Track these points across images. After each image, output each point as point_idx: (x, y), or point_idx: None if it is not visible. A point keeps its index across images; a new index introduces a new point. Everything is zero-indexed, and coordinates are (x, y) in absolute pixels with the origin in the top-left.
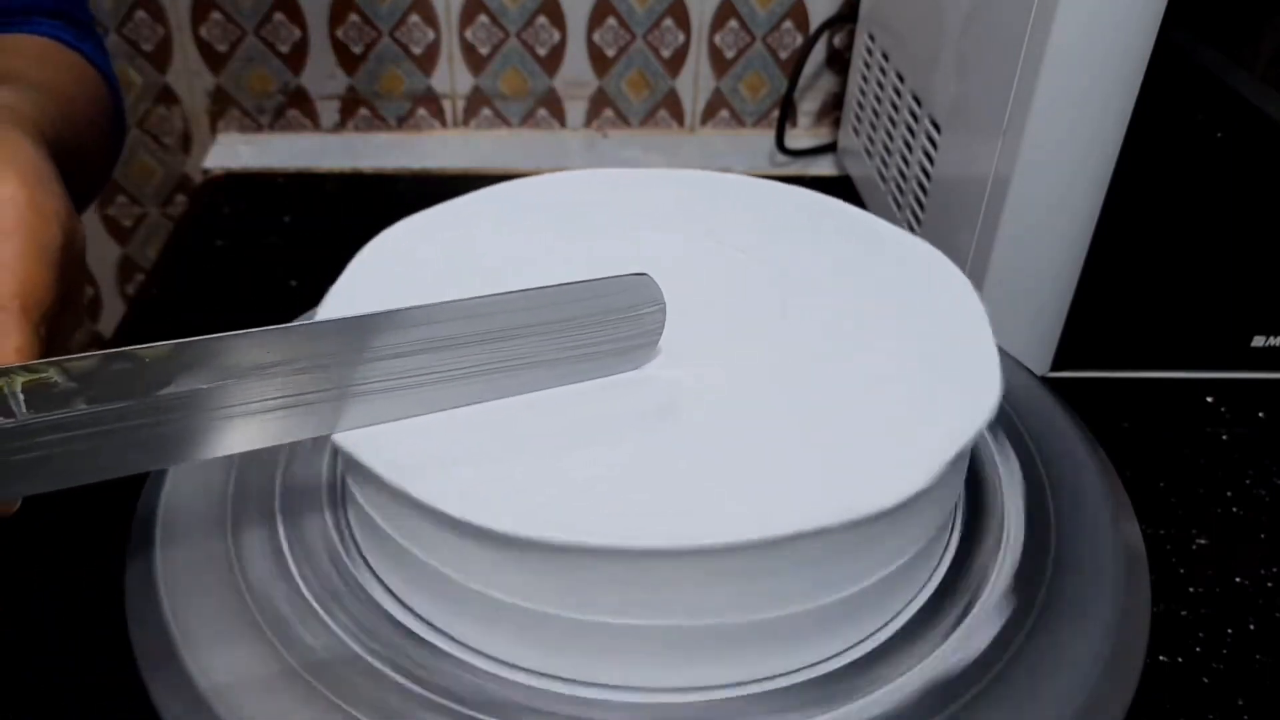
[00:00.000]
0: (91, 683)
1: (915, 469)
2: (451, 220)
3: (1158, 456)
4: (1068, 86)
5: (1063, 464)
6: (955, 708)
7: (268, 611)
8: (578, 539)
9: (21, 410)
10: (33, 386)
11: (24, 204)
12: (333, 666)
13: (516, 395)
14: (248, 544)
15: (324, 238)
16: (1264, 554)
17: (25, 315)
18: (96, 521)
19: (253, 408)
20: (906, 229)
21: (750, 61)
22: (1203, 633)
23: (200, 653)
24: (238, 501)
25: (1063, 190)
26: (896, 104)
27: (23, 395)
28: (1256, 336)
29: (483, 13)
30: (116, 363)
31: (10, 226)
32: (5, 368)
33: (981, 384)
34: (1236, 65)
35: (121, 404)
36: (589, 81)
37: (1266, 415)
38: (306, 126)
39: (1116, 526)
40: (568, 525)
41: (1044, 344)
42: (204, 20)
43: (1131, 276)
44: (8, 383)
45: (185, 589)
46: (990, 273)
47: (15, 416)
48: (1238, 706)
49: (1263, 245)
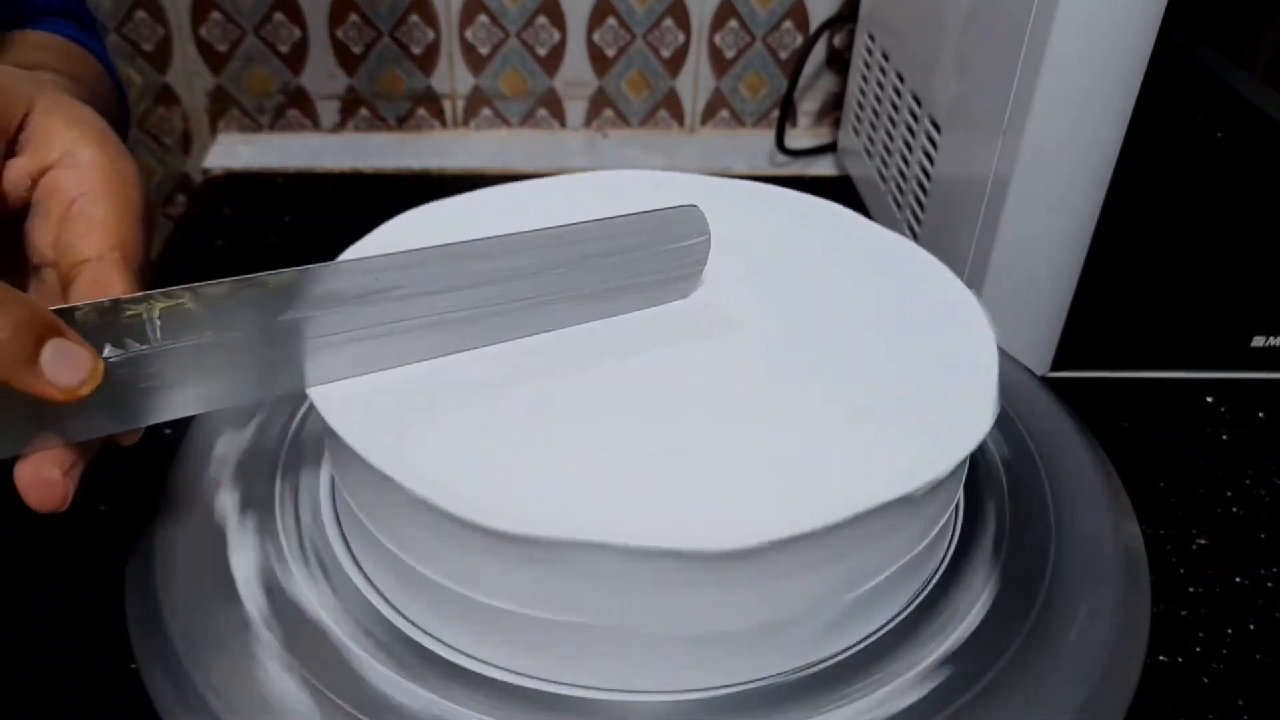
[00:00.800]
0: (91, 683)
1: (924, 465)
2: (450, 217)
3: (1158, 456)
4: (1068, 86)
5: (1063, 464)
6: (955, 708)
7: (268, 611)
8: (568, 535)
9: (157, 337)
10: (170, 312)
11: (106, 166)
12: (333, 666)
13: (575, 325)
14: (248, 543)
15: (324, 238)
16: (1264, 554)
17: (126, 264)
18: (97, 521)
19: (357, 334)
20: (906, 229)
21: (750, 61)
22: (1203, 633)
23: (200, 653)
24: (238, 501)
25: (1063, 190)
26: (896, 104)
27: (159, 322)
28: (1256, 336)
29: (483, 13)
30: (245, 288)
31: (99, 188)
32: (145, 294)
33: (981, 393)
34: (1236, 65)
35: (249, 330)
36: (589, 81)
37: (1266, 415)
38: (306, 126)
39: (1116, 526)
40: (552, 521)
41: (1044, 344)
42: (204, 20)
43: (1131, 276)
44: (147, 309)
45: (185, 589)
46: (990, 273)
47: (150, 344)
48: (1238, 706)
49: (1263, 245)
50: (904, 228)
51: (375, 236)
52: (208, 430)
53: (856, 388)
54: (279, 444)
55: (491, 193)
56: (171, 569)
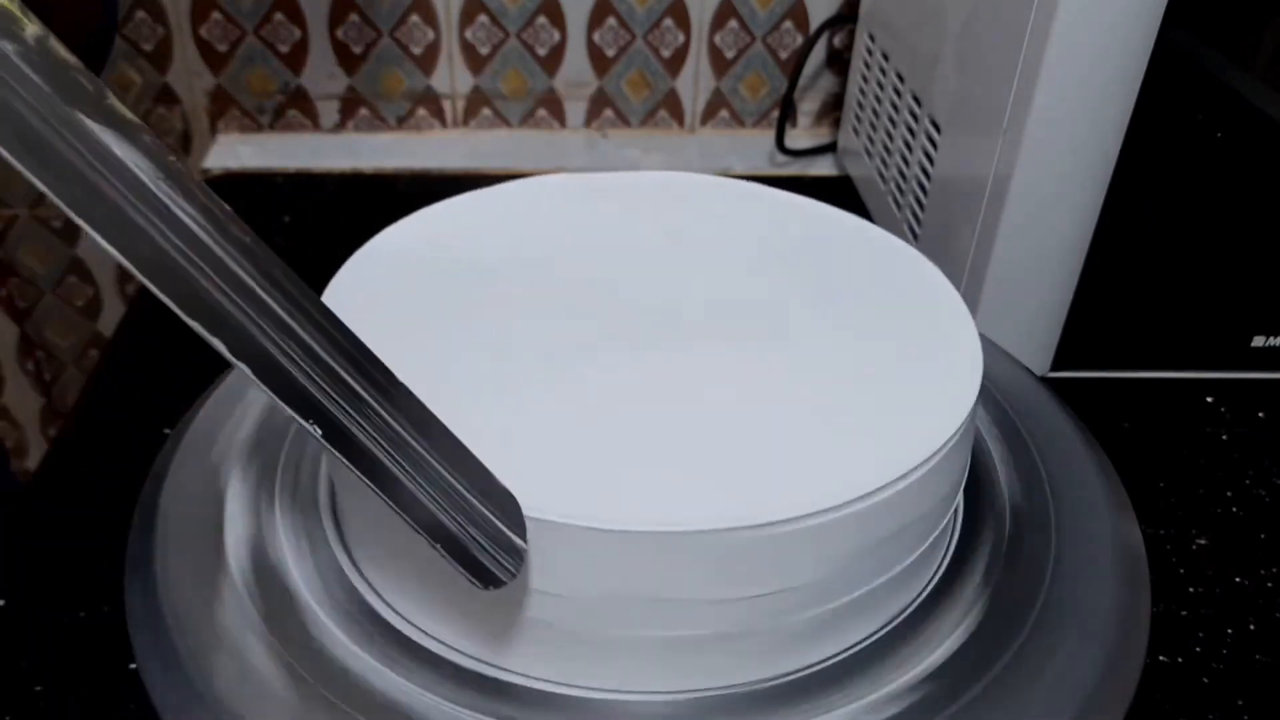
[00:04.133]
0: (91, 682)
1: (920, 444)
2: (449, 220)
3: (1158, 456)
4: (1068, 86)
5: (1063, 464)
6: (955, 708)
7: (268, 611)
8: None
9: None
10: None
11: None
12: (333, 666)
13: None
14: (249, 543)
15: (324, 238)
16: (1264, 554)
17: None
18: (97, 520)
19: None
20: (906, 229)
21: (750, 61)
22: (1203, 633)
23: (200, 652)
24: (238, 501)
25: (1063, 190)
26: (896, 104)
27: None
28: (1256, 336)
29: (483, 13)
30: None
31: None
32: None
33: (966, 369)
34: (1236, 65)
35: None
36: (589, 81)
37: (1266, 415)
38: (306, 126)
39: (1116, 526)
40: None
41: (1044, 344)
42: (204, 20)
43: (1131, 276)
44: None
45: (185, 589)
46: (990, 273)
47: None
48: (1238, 706)
49: (1263, 245)
50: (904, 228)
51: (383, 238)
52: (208, 426)
53: (841, 382)
54: (282, 434)
55: (492, 193)
56: (172, 569)
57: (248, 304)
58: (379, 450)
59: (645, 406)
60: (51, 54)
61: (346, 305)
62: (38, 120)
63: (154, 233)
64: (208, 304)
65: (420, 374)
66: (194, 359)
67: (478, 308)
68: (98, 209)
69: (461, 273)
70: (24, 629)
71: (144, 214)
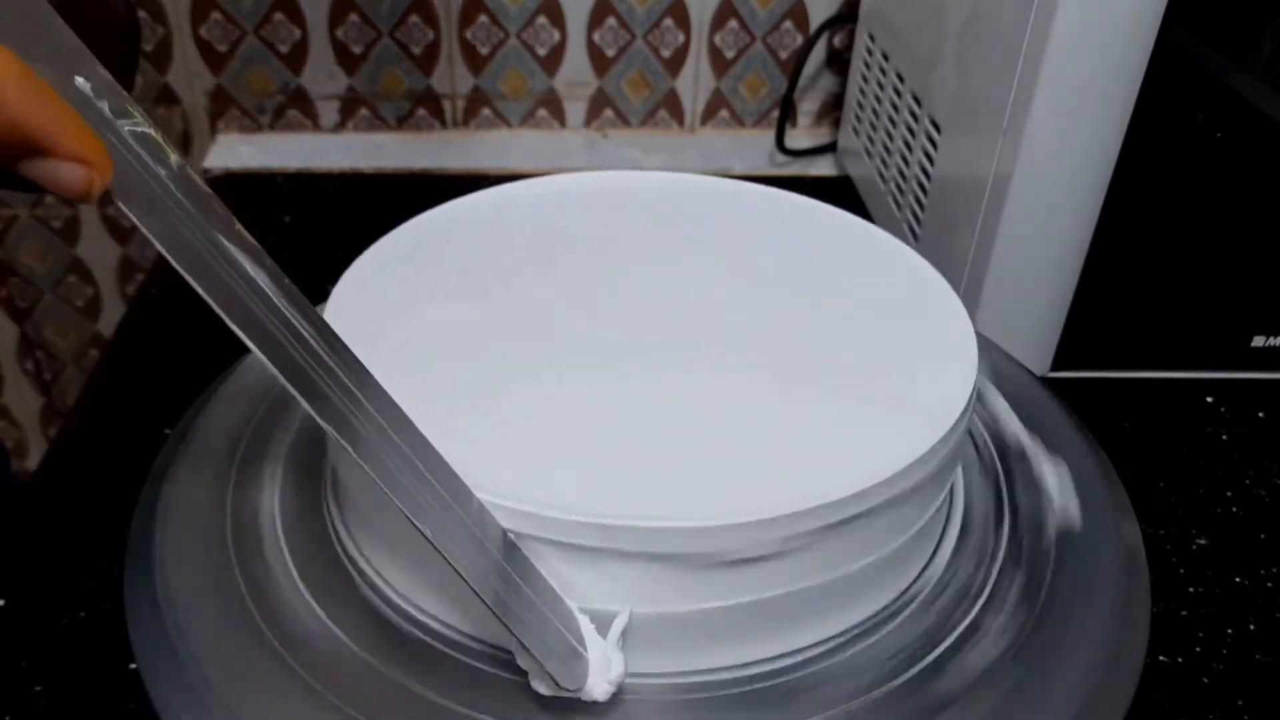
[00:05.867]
0: (91, 682)
1: (919, 435)
2: (449, 221)
3: (1158, 456)
4: (1068, 86)
5: (1063, 464)
6: (955, 708)
7: (268, 610)
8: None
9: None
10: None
11: None
12: (333, 666)
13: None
14: (249, 543)
15: (324, 238)
16: (1264, 554)
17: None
18: (97, 520)
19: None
20: (906, 229)
21: (750, 61)
22: (1203, 633)
23: (200, 652)
24: (239, 500)
25: (1063, 190)
26: (896, 104)
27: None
28: (1256, 336)
29: (483, 13)
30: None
31: None
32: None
33: (961, 369)
34: (1236, 65)
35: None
36: (589, 81)
37: (1266, 415)
38: (306, 126)
39: (1116, 526)
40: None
41: (1044, 344)
42: (204, 20)
43: (1131, 276)
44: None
45: (185, 589)
46: (990, 273)
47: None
48: (1238, 706)
49: (1263, 245)
50: (904, 228)
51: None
52: (208, 426)
53: (836, 380)
54: (283, 434)
55: (492, 193)
56: (172, 568)
57: (339, 390)
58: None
59: (644, 406)
60: (190, 180)
61: (348, 315)
62: (192, 238)
63: (283, 340)
64: (321, 392)
65: (420, 374)
66: (194, 359)
67: (478, 308)
68: (239, 314)
69: (462, 273)
70: (24, 629)
71: (275, 325)
